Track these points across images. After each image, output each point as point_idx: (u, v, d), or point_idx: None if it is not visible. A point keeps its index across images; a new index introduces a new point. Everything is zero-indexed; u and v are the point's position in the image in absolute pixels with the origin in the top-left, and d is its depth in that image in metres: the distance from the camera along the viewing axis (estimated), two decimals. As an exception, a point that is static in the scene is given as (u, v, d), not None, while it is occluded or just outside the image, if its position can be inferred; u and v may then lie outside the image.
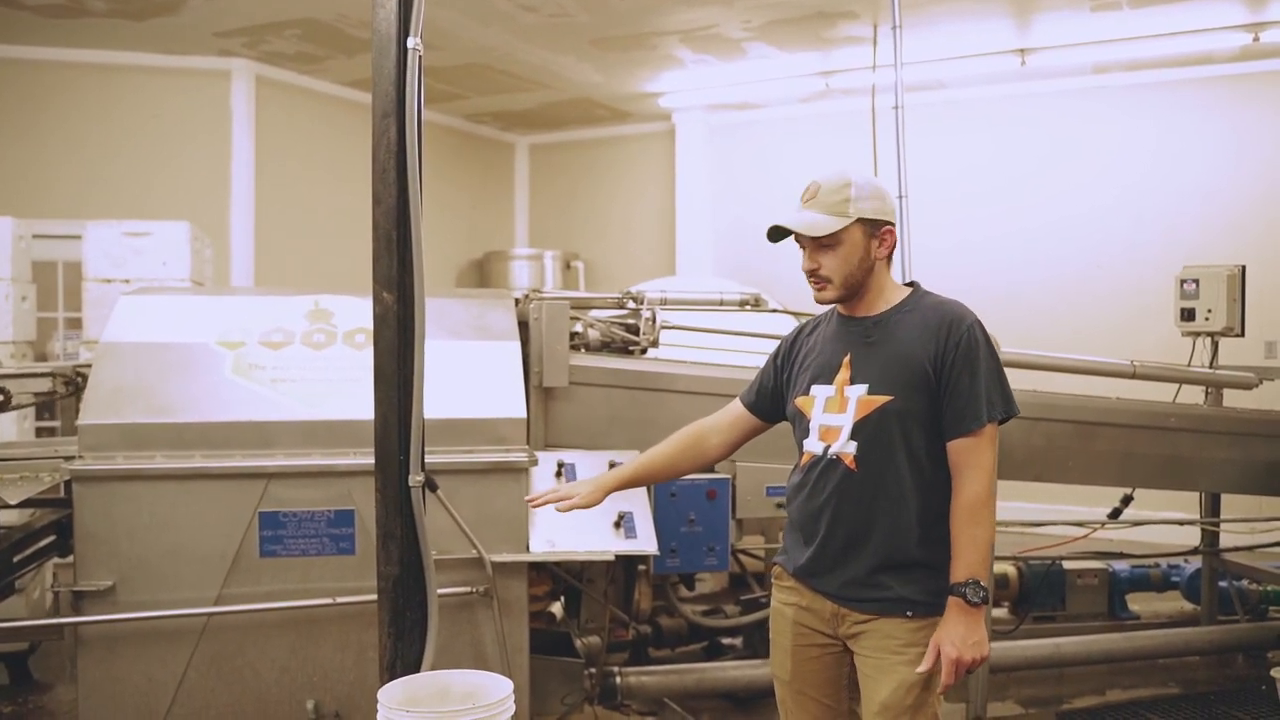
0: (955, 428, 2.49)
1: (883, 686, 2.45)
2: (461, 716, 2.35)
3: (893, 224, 2.62)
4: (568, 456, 3.84)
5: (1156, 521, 5.96)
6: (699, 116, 10.02)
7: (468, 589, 3.55)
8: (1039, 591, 5.84)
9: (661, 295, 4.33)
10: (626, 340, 4.30)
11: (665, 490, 4.04)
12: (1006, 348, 4.46)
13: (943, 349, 2.50)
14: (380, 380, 2.68)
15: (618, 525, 3.66)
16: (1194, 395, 5.54)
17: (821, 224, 2.56)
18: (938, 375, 2.50)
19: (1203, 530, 5.80)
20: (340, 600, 3.48)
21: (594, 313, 4.53)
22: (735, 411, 2.87)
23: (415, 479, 2.66)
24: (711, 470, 4.06)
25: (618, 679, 4.33)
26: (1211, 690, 5.14)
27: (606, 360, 4.11)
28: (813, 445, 2.59)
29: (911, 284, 2.71)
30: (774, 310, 4.45)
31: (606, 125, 10.57)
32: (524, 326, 4.05)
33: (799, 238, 2.62)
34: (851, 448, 2.52)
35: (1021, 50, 7.97)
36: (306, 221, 8.51)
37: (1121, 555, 6.02)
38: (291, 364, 3.72)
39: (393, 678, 2.64)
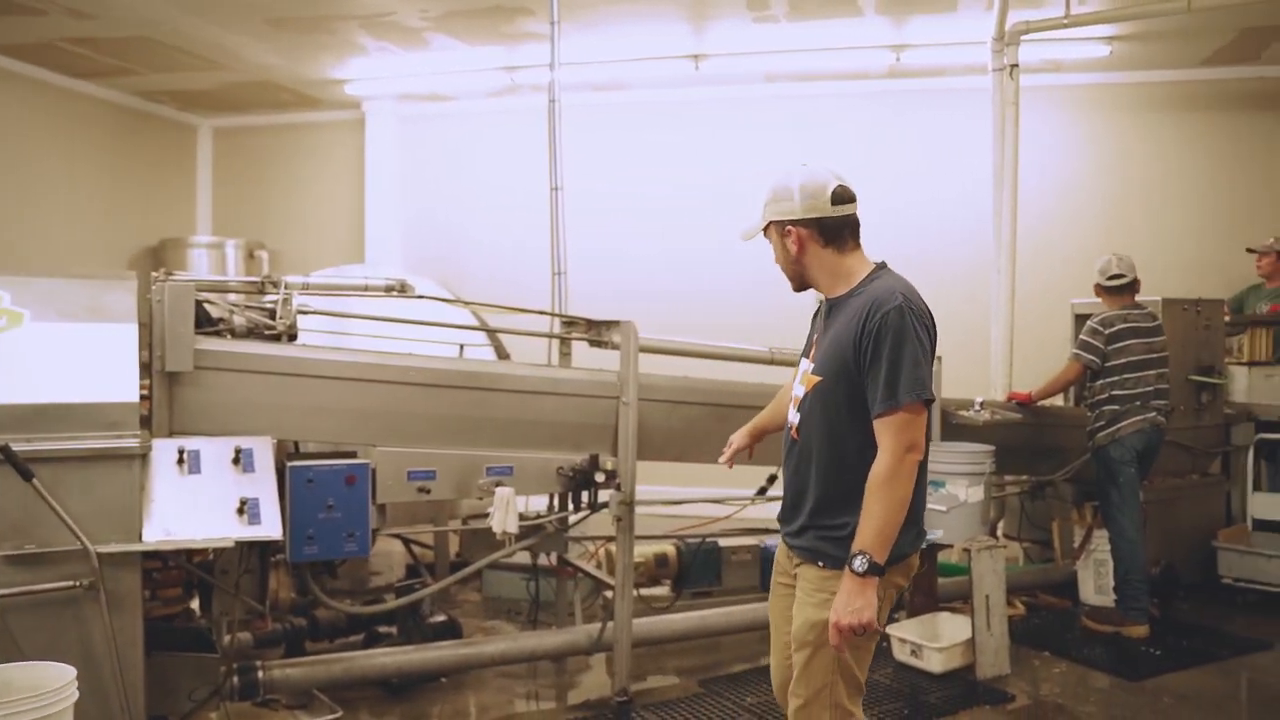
0: (871, 409, 2.72)
1: (795, 620, 2.88)
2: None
3: (796, 221, 2.86)
4: (191, 444, 3.70)
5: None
6: (388, 106, 9.87)
7: (71, 583, 3.36)
8: (697, 568, 6.17)
9: (303, 281, 4.25)
10: (267, 326, 4.20)
11: (302, 476, 3.98)
12: (646, 334, 4.71)
13: (860, 333, 2.73)
14: (-69, 357, 2.48)
15: (241, 511, 3.56)
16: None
17: (747, 230, 3.00)
18: (858, 358, 2.74)
19: (841, 504, 6.30)
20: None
21: (268, 298, 4.39)
22: None
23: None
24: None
25: (260, 673, 4.22)
26: (842, 649, 5.59)
27: (235, 344, 3.98)
28: (790, 414, 3.00)
29: (879, 264, 2.93)
30: (421, 296, 4.46)
31: (294, 111, 10.22)
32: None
33: None
34: (796, 419, 2.94)
35: (695, 56, 8.36)
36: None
37: (771, 531, 6.45)
38: None
39: (-53, 676, 2.47)
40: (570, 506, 4.71)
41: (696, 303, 9.00)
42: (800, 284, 2.98)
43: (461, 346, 4.91)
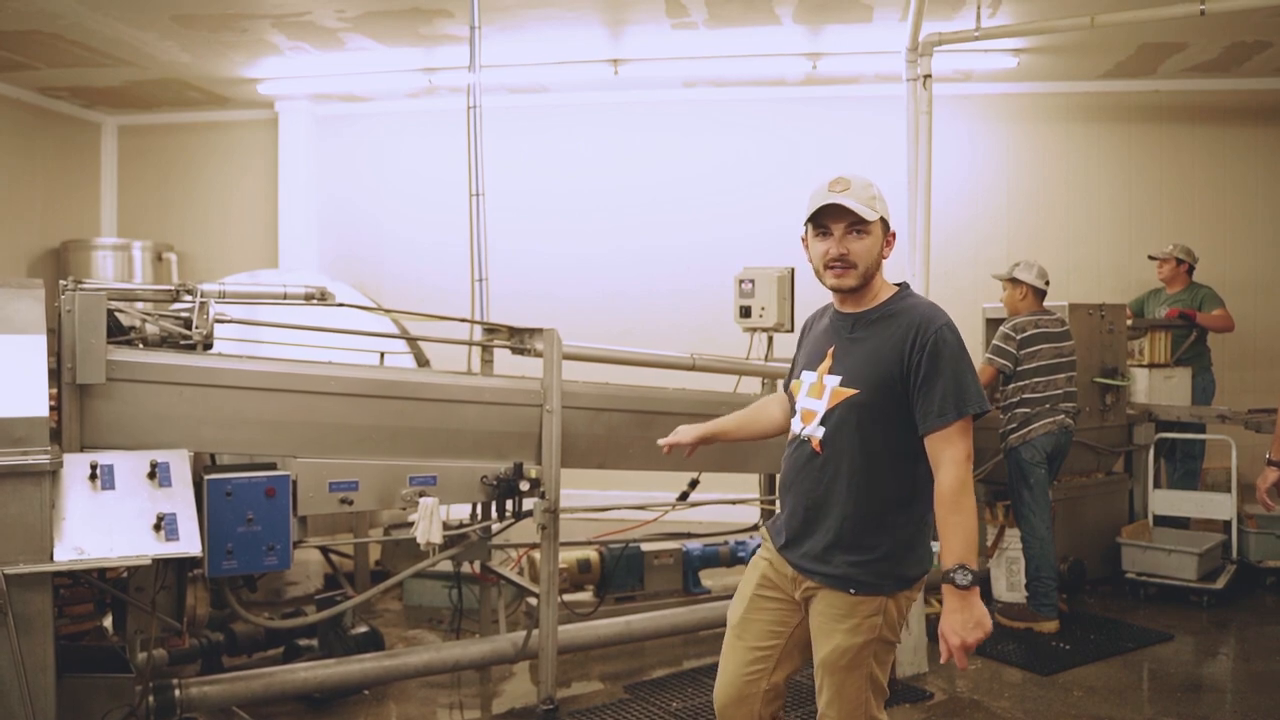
0: (927, 423, 2.74)
1: (823, 647, 2.84)
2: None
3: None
4: (105, 458, 3.58)
5: (720, 501, 6.47)
6: (303, 106, 9.67)
7: (-23, 607, 3.23)
8: (619, 573, 6.18)
9: (220, 289, 4.15)
10: (182, 335, 4.09)
11: (220, 489, 3.88)
12: (567, 338, 4.71)
13: (910, 351, 2.76)
14: None
15: (157, 527, 3.46)
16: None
17: (866, 211, 2.83)
18: (906, 376, 2.76)
19: (761, 508, 6.38)
20: None
21: (180, 306, 4.27)
22: (783, 390, 3.25)
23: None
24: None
25: (177, 691, 4.12)
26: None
27: (150, 355, 3.87)
28: (795, 426, 2.95)
29: (901, 285, 2.96)
30: (341, 304, 4.39)
31: (203, 110, 9.95)
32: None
33: (830, 223, 2.87)
34: (820, 432, 2.86)
35: (614, 60, 8.37)
36: None
37: (692, 535, 6.51)
38: None
39: None
40: (494, 515, 4.68)
41: (618, 305, 9.03)
42: (865, 282, 2.89)
43: (382, 355, 4.85)
